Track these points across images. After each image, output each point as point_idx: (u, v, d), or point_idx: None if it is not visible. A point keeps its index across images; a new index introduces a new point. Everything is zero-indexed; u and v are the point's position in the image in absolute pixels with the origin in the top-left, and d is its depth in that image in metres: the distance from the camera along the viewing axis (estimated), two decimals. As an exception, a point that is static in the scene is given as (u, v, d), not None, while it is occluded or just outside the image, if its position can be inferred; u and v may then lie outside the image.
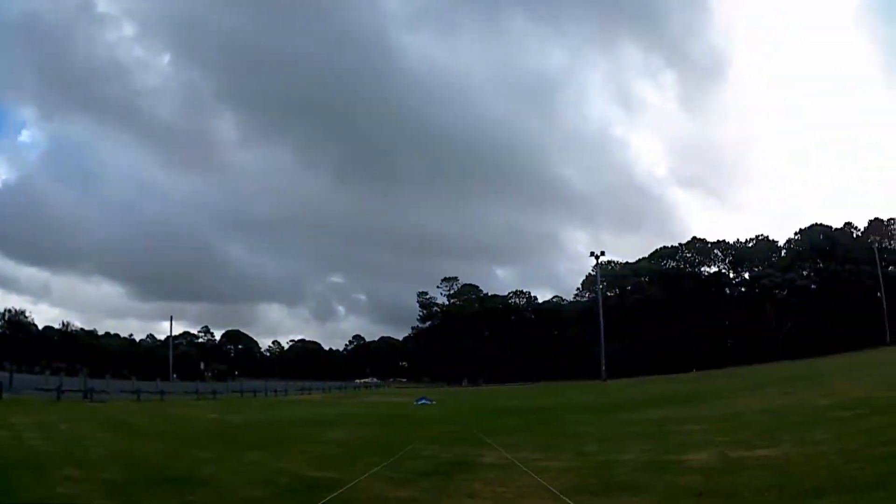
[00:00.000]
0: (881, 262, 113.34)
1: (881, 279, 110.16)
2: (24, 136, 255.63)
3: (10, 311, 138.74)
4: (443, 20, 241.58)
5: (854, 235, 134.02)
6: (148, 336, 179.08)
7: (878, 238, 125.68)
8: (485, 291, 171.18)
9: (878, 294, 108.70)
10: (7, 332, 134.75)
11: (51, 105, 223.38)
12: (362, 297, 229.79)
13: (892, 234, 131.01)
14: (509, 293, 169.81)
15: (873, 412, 18.74)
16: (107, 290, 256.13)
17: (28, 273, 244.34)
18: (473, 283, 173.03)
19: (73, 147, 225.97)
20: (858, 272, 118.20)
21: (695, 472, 12.69)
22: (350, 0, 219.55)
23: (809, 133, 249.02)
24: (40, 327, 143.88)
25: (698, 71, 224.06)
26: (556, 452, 17.44)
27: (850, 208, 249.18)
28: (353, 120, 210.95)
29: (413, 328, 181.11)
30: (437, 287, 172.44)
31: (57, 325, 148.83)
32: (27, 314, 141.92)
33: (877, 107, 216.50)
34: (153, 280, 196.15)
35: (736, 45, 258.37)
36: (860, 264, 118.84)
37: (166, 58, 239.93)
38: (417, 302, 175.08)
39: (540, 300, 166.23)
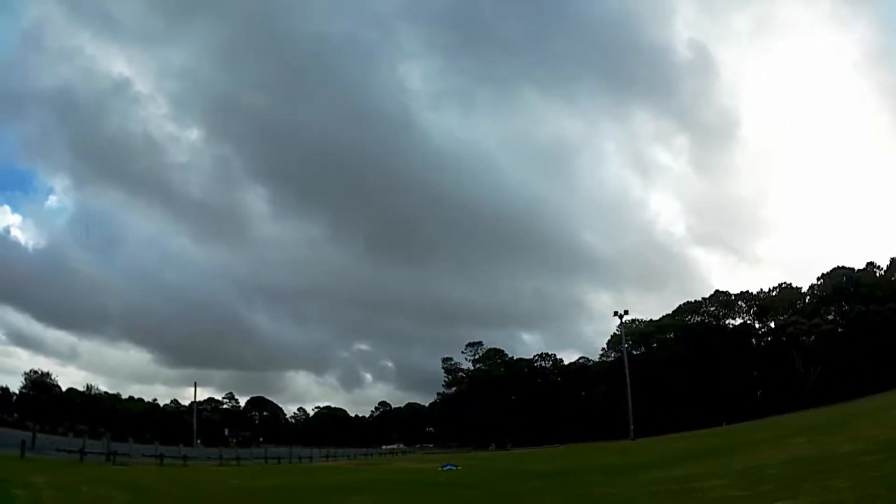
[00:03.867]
0: None
1: None
2: (52, 201, 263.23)
3: (34, 371, 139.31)
4: (463, 97, 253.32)
5: (877, 275, 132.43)
6: (172, 401, 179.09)
7: None
8: (510, 355, 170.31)
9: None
10: (31, 392, 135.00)
11: (82, 175, 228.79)
12: (389, 364, 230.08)
13: None
14: (535, 356, 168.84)
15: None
16: (134, 356, 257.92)
17: (56, 336, 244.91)
18: (499, 347, 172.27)
19: (100, 215, 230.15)
20: (884, 311, 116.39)
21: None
22: (375, 80, 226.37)
23: (823, 180, 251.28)
24: (64, 389, 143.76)
25: (709, 132, 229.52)
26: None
27: (872, 248, 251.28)
28: (380, 193, 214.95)
29: (439, 394, 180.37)
30: (462, 352, 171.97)
31: (81, 388, 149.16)
32: (52, 376, 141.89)
33: (887, 148, 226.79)
34: (179, 347, 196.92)
35: (744, 104, 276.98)
36: (885, 303, 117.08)
37: (197, 133, 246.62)
38: (442, 368, 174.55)
39: (566, 362, 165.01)
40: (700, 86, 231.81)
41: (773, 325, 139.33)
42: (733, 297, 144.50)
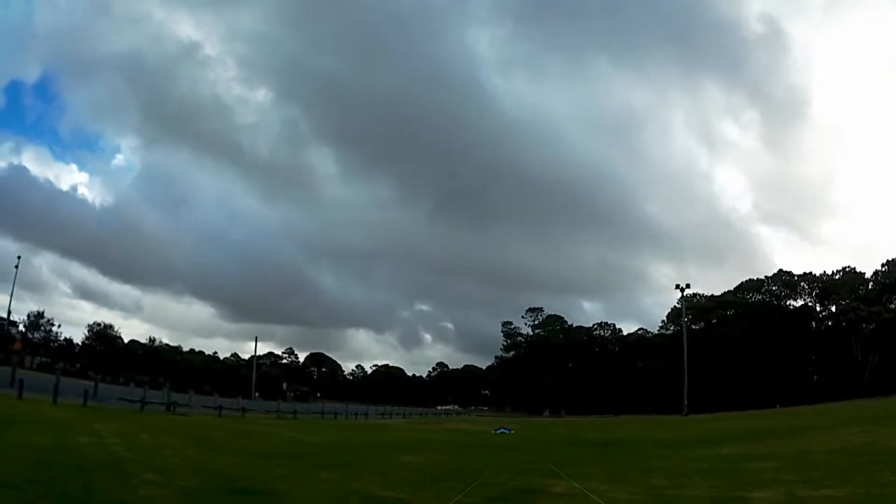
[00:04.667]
0: None
1: None
2: (119, 160, 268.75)
3: (98, 324, 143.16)
4: (532, 65, 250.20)
5: None
6: (232, 355, 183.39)
7: None
8: (570, 323, 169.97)
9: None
10: (94, 343, 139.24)
11: (150, 136, 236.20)
12: (449, 325, 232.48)
13: None
14: (594, 325, 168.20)
15: None
16: (197, 310, 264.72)
17: (121, 290, 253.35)
18: (559, 314, 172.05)
19: (168, 174, 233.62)
20: None
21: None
22: (444, 45, 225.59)
23: (894, 164, 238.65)
24: (126, 341, 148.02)
25: (780, 109, 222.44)
26: (625, 485, 17.32)
27: None
28: (447, 157, 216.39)
29: (497, 357, 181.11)
30: (522, 317, 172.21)
31: (144, 341, 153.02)
32: (115, 328, 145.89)
33: None
34: (242, 302, 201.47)
35: (816, 82, 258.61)
36: None
37: (266, 95, 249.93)
38: (502, 331, 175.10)
39: (624, 332, 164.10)
40: (771, 60, 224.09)
41: (833, 309, 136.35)
42: (796, 278, 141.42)
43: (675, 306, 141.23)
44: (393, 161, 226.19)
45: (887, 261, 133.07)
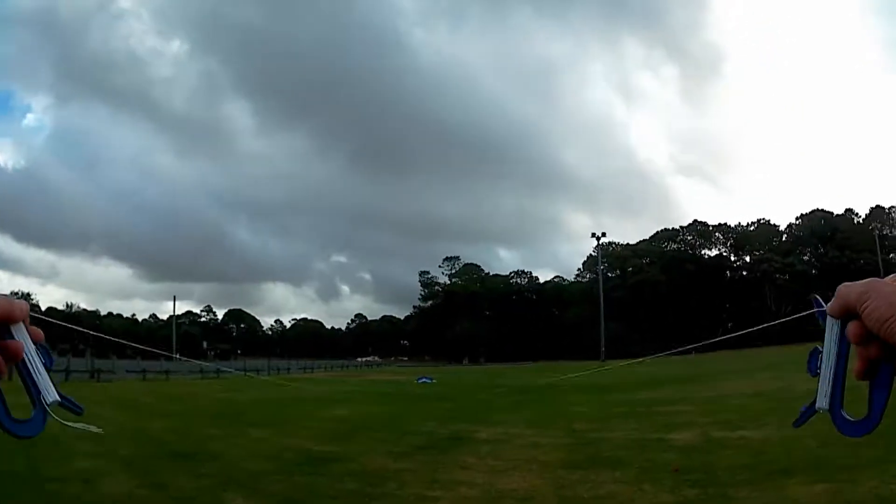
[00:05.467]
0: (881, 250, 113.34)
1: (881, 266, 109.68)
2: (30, 119, 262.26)
3: (15, 293, 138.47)
4: (452, 14, 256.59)
5: (855, 222, 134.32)
6: (151, 316, 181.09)
7: (878, 225, 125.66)
8: (487, 271, 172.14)
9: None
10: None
11: (64, 93, 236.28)
12: (366, 276, 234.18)
13: (894, 222, 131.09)
14: (511, 273, 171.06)
15: (859, 398, 19.41)
16: (114, 272, 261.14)
17: (36, 255, 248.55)
18: (476, 263, 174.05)
19: (82, 132, 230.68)
20: (858, 259, 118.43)
21: (675, 451, 13.39)
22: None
23: (809, 122, 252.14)
24: (44, 308, 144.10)
25: (697, 64, 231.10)
26: (548, 429, 18.20)
27: (852, 196, 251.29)
28: (364, 108, 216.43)
29: (415, 307, 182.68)
30: (440, 267, 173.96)
31: (61, 307, 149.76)
32: (32, 296, 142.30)
33: (878, 95, 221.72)
34: (159, 262, 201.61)
35: (734, 39, 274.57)
36: (860, 251, 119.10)
37: (182, 47, 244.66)
38: (419, 281, 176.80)
39: (542, 280, 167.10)
40: (690, 17, 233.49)
41: (748, 259, 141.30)
42: (710, 228, 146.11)
43: (591, 254, 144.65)
44: (310, 113, 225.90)
45: (801, 214, 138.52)
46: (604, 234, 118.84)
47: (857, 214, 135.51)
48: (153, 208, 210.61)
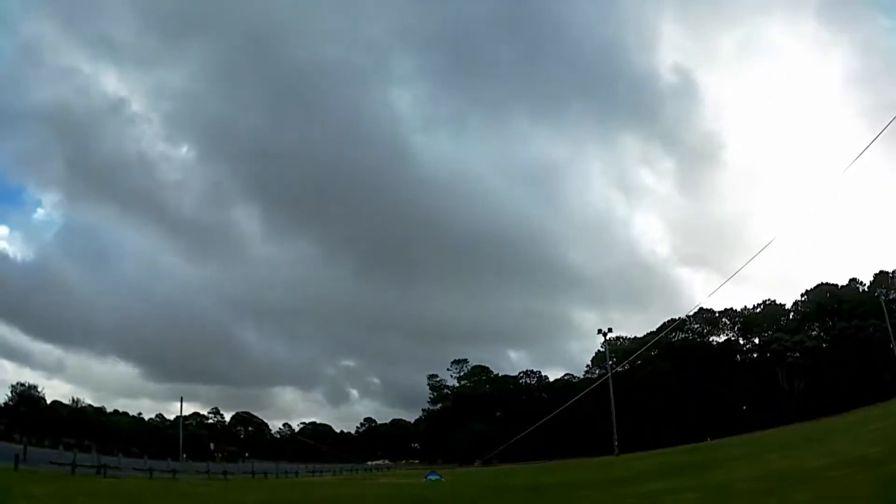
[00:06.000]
0: (889, 315, 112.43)
1: (890, 331, 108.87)
2: (40, 214, 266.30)
3: (21, 384, 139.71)
4: (453, 122, 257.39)
5: (860, 290, 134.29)
6: (157, 415, 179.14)
7: (884, 291, 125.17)
8: (495, 372, 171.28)
9: (890, 346, 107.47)
10: (17, 405, 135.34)
11: (74, 191, 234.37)
12: (375, 380, 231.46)
13: None
14: (520, 373, 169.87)
15: (863, 469, 19.42)
16: (121, 370, 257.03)
17: (42, 349, 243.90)
18: (484, 364, 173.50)
19: (91, 230, 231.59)
20: (866, 326, 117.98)
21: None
22: (367, 104, 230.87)
23: (805, 199, 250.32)
24: (49, 402, 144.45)
25: (694, 155, 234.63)
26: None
27: (856, 265, 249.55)
28: (371, 214, 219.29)
29: (424, 410, 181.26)
30: (448, 370, 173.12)
31: (67, 401, 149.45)
32: (38, 389, 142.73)
33: (866, 167, 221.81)
34: (166, 362, 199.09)
35: (728, 126, 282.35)
36: (868, 318, 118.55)
37: (191, 153, 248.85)
38: (428, 384, 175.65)
39: (551, 379, 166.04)
40: (684, 109, 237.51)
41: (757, 341, 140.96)
42: (717, 314, 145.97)
43: (599, 350, 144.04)
44: (317, 219, 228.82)
45: (806, 290, 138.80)
46: (610, 330, 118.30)
47: (861, 283, 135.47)
48: (161, 308, 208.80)
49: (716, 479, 27.72)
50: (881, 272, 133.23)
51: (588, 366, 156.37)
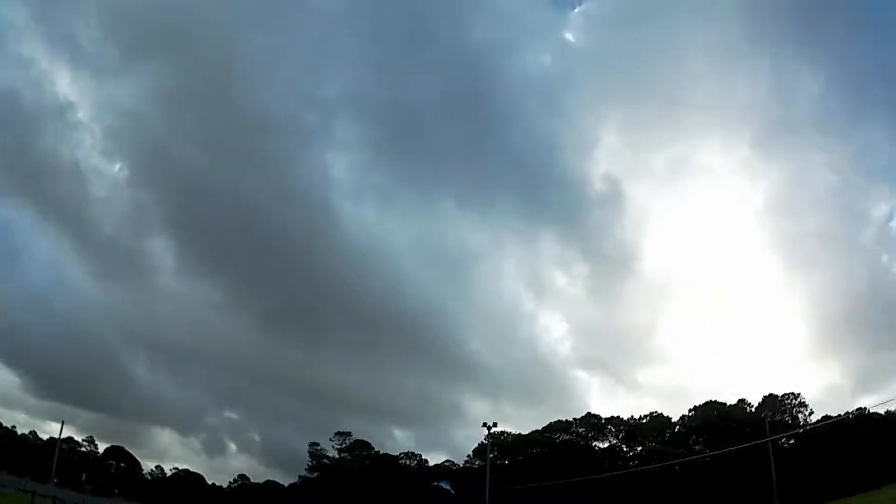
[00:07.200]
0: (770, 433, 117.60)
1: (770, 452, 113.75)
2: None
3: None
4: (382, 195, 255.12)
5: (748, 410, 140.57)
6: (31, 432, 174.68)
7: (770, 413, 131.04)
8: (377, 449, 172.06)
9: (769, 465, 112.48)
10: None
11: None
12: (256, 437, 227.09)
13: (785, 410, 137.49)
14: (401, 454, 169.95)
15: None
16: (2, 376, 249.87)
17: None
18: (367, 440, 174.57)
19: (2, 225, 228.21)
20: (751, 447, 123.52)
21: None
22: (303, 162, 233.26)
23: (708, 318, 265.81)
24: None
25: (608, 263, 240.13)
26: None
27: (745, 387, 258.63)
28: (285, 270, 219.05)
29: (300, 477, 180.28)
30: (330, 440, 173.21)
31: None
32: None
33: (772, 291, 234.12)
34: (51, 378, 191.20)
35: (646, 239, 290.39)
36: (751, 440, 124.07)
37: (123, 173, 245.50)
38: (308, 451, 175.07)
39: (431, 463, 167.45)
40: (607, 218, 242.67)
41: (639, 449, 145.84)
42: (603, 421, 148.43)
43: (482, 441, 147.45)
44: (232, 266, 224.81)
45: (694, 406, 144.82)
46: (495, 424, 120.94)
47: (749, 404, 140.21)
48: (57, 323, 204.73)
49: None
50: (770, 395, 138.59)
51: (469, 455, 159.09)
